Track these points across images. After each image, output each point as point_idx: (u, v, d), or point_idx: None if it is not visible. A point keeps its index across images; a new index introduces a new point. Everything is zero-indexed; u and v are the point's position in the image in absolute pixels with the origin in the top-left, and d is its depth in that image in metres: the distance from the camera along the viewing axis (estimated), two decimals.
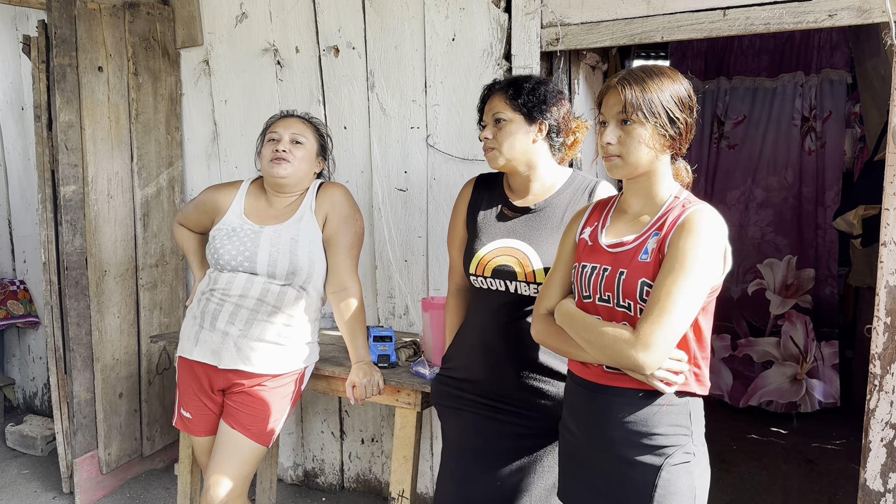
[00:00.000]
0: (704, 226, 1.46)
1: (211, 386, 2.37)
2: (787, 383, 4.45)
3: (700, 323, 1.54)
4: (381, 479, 3.37)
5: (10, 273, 4.54)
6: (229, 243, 2.34)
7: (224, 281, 2.33)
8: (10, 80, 4.25)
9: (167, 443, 3.71)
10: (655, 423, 1.54)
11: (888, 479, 2.27)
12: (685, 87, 1.56)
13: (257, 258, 2.31)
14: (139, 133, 3.44)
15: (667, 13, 2.47)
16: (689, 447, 1.55)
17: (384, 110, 3.09)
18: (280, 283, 2.32)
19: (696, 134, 1.63)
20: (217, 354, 2.32)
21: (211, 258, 2.39)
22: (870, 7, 2.16)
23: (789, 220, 4.51)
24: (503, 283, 2.01)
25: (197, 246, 2.64)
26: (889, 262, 2.22)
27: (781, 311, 4.51)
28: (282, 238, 2.32)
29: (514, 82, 2.03)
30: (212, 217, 2.48)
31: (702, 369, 1.56)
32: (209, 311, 2.35)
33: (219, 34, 3.45)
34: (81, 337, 3.29)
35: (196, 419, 2.42)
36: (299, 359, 2.40)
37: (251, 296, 2.31)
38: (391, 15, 3.01)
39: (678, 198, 1.56)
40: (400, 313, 3.19)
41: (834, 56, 4.33)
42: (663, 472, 1.52)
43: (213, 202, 2.48)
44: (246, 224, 2.38)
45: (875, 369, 2.26)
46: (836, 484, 3.58)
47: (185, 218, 2.61)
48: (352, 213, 2.39)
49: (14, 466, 3.78)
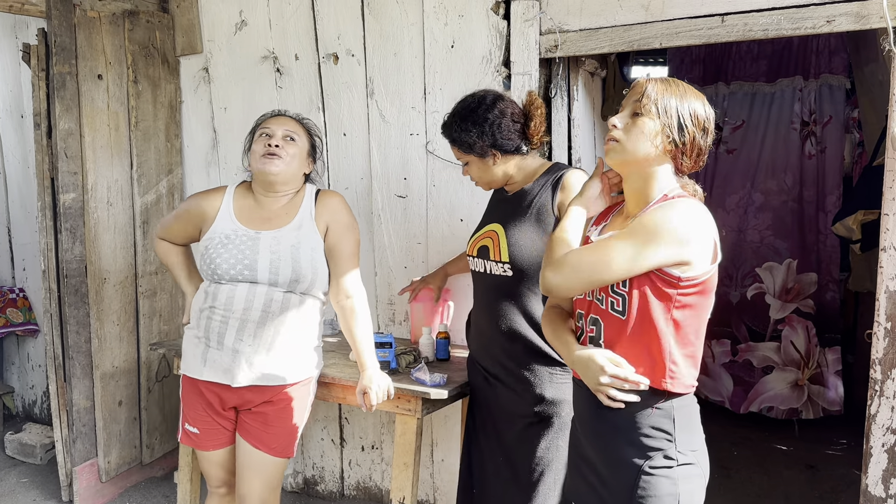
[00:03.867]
0: (670, 206, 1.49)
1: (222, 404, 2.30)
2: (787, 389, 4.44)
3: (676, 317, 1.51)
4: (382, 486, 3.36)
5: (10, 281, 4.53)
6: (226, 252, 2.24)
7: (224, 295, 2.24)
8: (9, 88, 4.25)
9: (167, 451, 3.70)
10: (639, 422, 1.55)
11: (889, 485, 2.27)
12: (706, 110, 1.57)
13: (258, 266, 2.23)
14: (139, 140, 3.45)
15: (665, 19, 2.47)
16: (671, 452, 1.54)
17: (383, 117, 3.09)
18: (282, 290, 2.25)
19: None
20: (229, 373, 2.25)
21: (206, 269, 2.28)
22: (868, 13, 2.17)
23: (789, 224, 4.50)
24: (483, 264, 2.25)
25: (182, 259, 2.50)
26: (889, 267, 2.22)
27: (781, 315, 4.49)
28: (282, 245, 2.26)
29: (448, 131, 2.27)
30: (198, 226, 2.36)
31: (678, 367, 1.53)
32: (214, 330, 2.26)
33: (218, 42, 3.46)
34: (81, 345, 3.28)
35: (205, 434, 2.34)
36: (310, 365, 2.37)
37: (255, 308, 2.23)
38: (390, 22, 3.02)
39: (666, 195, 1.56)
40: (400, 320, 3.19)
41: (832, 61, 4.33)
42: (643, 476, 1.53)
43: (199, 210, 2.36)
44: (240, 230, 2.29)
45: (876, 374, 2.26)
46: (838, 489, 3.58)
47: (167, 231, 2.47)
48: (352, 220, 2.39)
49: (13, 475, 3.76)
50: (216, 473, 2.40)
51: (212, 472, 2.41)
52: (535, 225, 2.14)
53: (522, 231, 2.15)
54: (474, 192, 2.92)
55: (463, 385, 2.44)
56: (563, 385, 2.15)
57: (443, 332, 2.73)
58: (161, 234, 2.50)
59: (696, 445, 1.59)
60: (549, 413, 2.16)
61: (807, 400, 4.39)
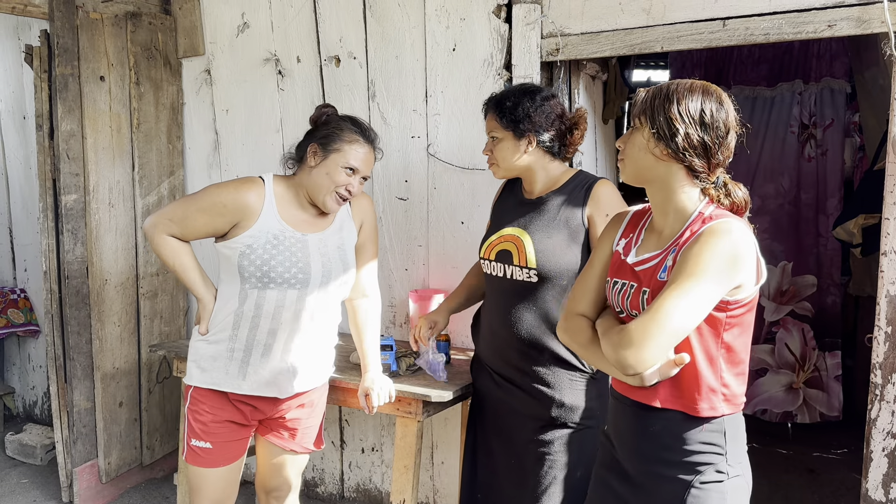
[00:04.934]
0: (716, 235, 1.41)
1: (254, 416, 2.22)
2: (781, 392, 4.42)
3: (727, 339, 1.49)
4: (382, 488, 3.36)
5: (11, 281, 4.54)
6: (279, 254, 2.07)
7: (273, 302, 2.08)
8: (11, 89, 4.26)
9: (167, 452, 3.70)
10: (688, 440, 1.51)
11: (890, 489, 2.27)
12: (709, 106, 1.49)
13: (311, 269, 2.11)
14: (140, 142, 3.45)
15: (667, 23, 2.48)
16: (721, 466, 1.51)
17: (385, 119, 3.10)
18: (326, 293, 2.17)
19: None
20: (276, 386, 2.16)
21: (254, 271, 2.06)
22: (869, 18, 2.17)
23: (785, 227, 4.50)
24: (502, 268, 2.21)
25: (194, 260, 2.19)
26: (889, 272, 2.22)
27: (776, 317, 4.49)
28: (328, 247, 2.18)
29: (500, 101, 2.19)
30: (232, 221, 2.09)
31: (730, 388, 1.52)
32: (259, 341, 2.11)
33: (220, 44, 3.47)
34: (82, 346, 3.29)
35: (218, 449, 2.17)
36: (332, 362, 2.40)
37: (304, 315, 2.13)
38: (392, 25, 3.03)
39: (703, 213, 1.51)
40: (400, 322, 3.19)
41: (833, 65, 4.33)
42: (693, 490, 1.49)
43: (242, 203, 2.08)
44: (287, 231, 2.11)
45: (876, 379, 2.26)
46: (838, 494, 3.57)
47: (181, 225, 2.12)
48: (376, 224, 2.40)
49: (13, 475, 3.77)
50: (211, 496, 2.20)
51: (210, 493, 2.19)
52: (563, 232, 2.12)
53: (551, 238, 2.12)
54: (475, 195, 2.93)
55: (464, 387, 2.44)
56: (581, 392, 2.14)
57: (443, 334, 2.73)
58: (170, 230, 2.13)
59: (742, 457, 1.56)
60: (566, 418, 2.15)
61: (802, 403, 4.38)
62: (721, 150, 1.51)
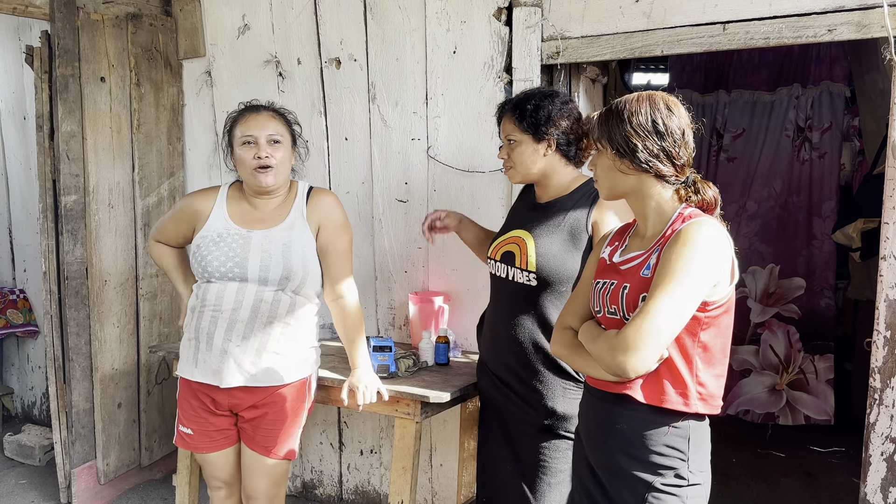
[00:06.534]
0: (694, 236, 1.48)
1: (215, 405, 2.30)
2: (764, 393, 4.42)
3: (703, 339, 1.53)
4: (380, 490, 3.36)
5: (10, 282, 4.54)
6: (217, 250, 2.24)
7: (214, 294, 2.24)
8: (12, 89, 4.27)
9: (165, 453, 3.70)
10: (652, 440, 1.55)
11: (888, 493, 2.27)
12: (652, 116, 1.54)
13: (248, 264, 2.22)
14: (141, 143, 3.45)
15: (667, 27, 2.48)
16: (683, 472, 1.54)
17: (385, 122, 3.10)
18: (273, 289, 2.24)
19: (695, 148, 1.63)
20: (218, 374, 2.24)
21: (197, 267, 2.27)
22: (869, 22, 2.18)
23: (774, 229, 4.51)
24: (505, 269, 2.22)
25: (177, 262, 2.50)
26: (889, 276, 2.22)
27: (762, 319, 4.49)
28: (273, 243, 2.25)
29: (519, 103, 2.18)
30: (192, 225, 2.35)
31: (706, 387, 1.56)
32: (203, 329, 2.25)
33: (221, 45, 3.47)
34: (81, 347, 3.29)
35: (199, 436, 2.33)
36: (304, 366, 2.36)
37: (245, 306, 2.23)
38: (393, 27, 3.03)
39: (682, 213, 1.58)
40: (400, 324, 3.19)
41: (833, 70, 4.34)
42: (652, 492, 1.53)
43: (193, 209, 2.35)
44: (233, 228, 2.28)
45: (875, 383, 2.26)
46: (836, 497, 3.57)
47: (162, 233, 2.46)
48: (344, 220, 2.39)
49: (12, 476, 3.76)
50: (214, 475, 2.40)
51: (210, 474, 2.41)
52: (566, 238, 2.13)
53: (553, 242, 2.13)
54: (475, 197, 2.93)
55: (463, 389, 2.44)
56: (574, 401, 2.12)
57: (443, 336, 2.73)
58: (156, 236, 2.49)
59: (704, 466, 1.60)
60: (558, 427, 2.15)
61: (785, 405, 4.37)
62: (682, 151, 1.58)
